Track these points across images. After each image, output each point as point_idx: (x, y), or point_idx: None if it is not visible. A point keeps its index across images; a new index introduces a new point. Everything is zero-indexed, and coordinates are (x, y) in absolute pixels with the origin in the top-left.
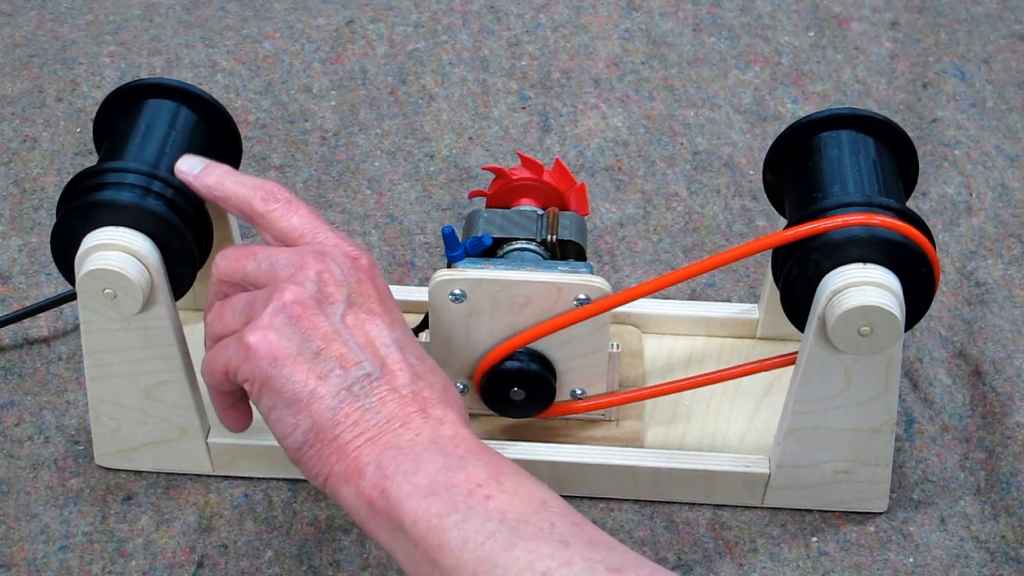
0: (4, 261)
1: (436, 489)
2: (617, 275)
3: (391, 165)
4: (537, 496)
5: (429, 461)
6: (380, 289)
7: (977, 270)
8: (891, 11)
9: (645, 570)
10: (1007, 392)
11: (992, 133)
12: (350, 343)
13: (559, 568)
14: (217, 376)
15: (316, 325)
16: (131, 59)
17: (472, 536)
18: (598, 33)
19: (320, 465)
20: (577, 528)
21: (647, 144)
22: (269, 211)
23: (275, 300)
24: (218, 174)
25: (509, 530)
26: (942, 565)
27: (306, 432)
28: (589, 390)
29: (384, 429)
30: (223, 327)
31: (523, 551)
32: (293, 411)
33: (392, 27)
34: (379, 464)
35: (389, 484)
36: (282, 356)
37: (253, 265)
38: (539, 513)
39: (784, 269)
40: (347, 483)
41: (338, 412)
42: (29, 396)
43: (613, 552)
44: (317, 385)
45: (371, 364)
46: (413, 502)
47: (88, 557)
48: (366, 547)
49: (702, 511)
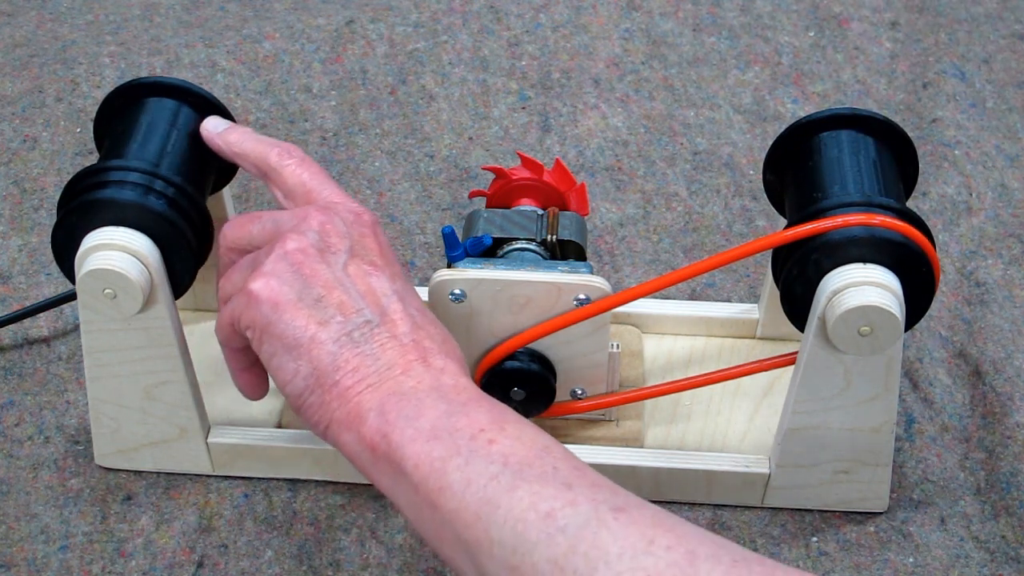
0: (4, 261)
1: (438, 433)
2: (617, 275)
3: (391, 165)
4: (540, 442)
5: (431, 407)
6: (382, 244)
7: (977, 270)
8: (891, 11)
9: (648, 510)
10: (1007, 392)
11: (992, 133)
12: (351, 291)
13: (563, 508)
14: (226, 330)
15: (317, 272)
16: (131, 59)
17: (475, 478)
18: (598, 33)
19: (321, 412)
20: (580, 472)
21: (647, 144)
22: (283, 165)
23: (277, 249)
24: (240, 132)
25: (512, 473)
26: (942, 565)
27: (306, 377)
28: (589, 390)
29: (385, 376)
30: (232, 287)
31: (526, 492)
32: (293, 356)
33: (392, 27)
34: (381, 409)
35: (391, 429)
36: (283, 301)
37: (258, 227)
38: (542, 457)
39: (784, 269)
40: (348, 429)
41: (338, 357)
42: (29, 396)
43: (616, 494)
44: (317, 331)
45: (371, 312)
46: (415, 446)
47: (88, 557)
48: (366, 547)
49: (702, 511)
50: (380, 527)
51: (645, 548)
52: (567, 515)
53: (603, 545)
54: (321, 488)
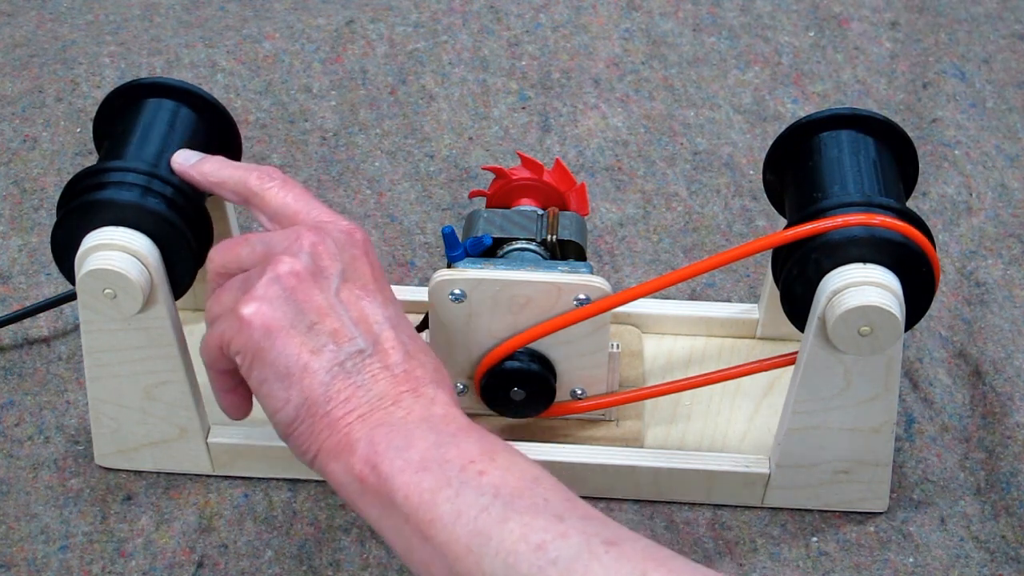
0: (4, 261)
1: (428, 464)
2: (617, 275)
3: (391, 165)
4: (530, 473)
5: (421, 438)
6: (374, 266)
7: (977, 270)
8: (891, 11)
9: (640, 544)
10: (1007, 392)
11: (992, 133)
12: (344, 318)
13: (554, 540)
14: (213, 352)
15: (311, 298)
16: (131, 59)
17: (465, 510)
18: (598, 33)
19: (310, 441)
20: (571, 504)
21: (647, 144)
22: (265, 188)
23: (269, 272)
24: (214, 161)
25: (503, 504)
26: (942, 565)
27: (298, 407)
28: (589, 390)
29: (376, 406)
30: (221, 308)
31: (517, 524)
32: (284, 385)
33: (392, 27)
34: (370, 440)
35: (380, 460)
36: (275, 328)
37: (247, 250)
38: (532, 489)
39: (784, 269)
40: (337, 459)
41: (331, 388)
42: (29, 396)
43: (607, 526)
44: (310, 359)
45: (364, 340)
46: (405, 477)
47: (88, 557)
48: (366, 547)
49: (702, 511)
50: None
51: None
52: (558, 547)
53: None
54: (321, 488)
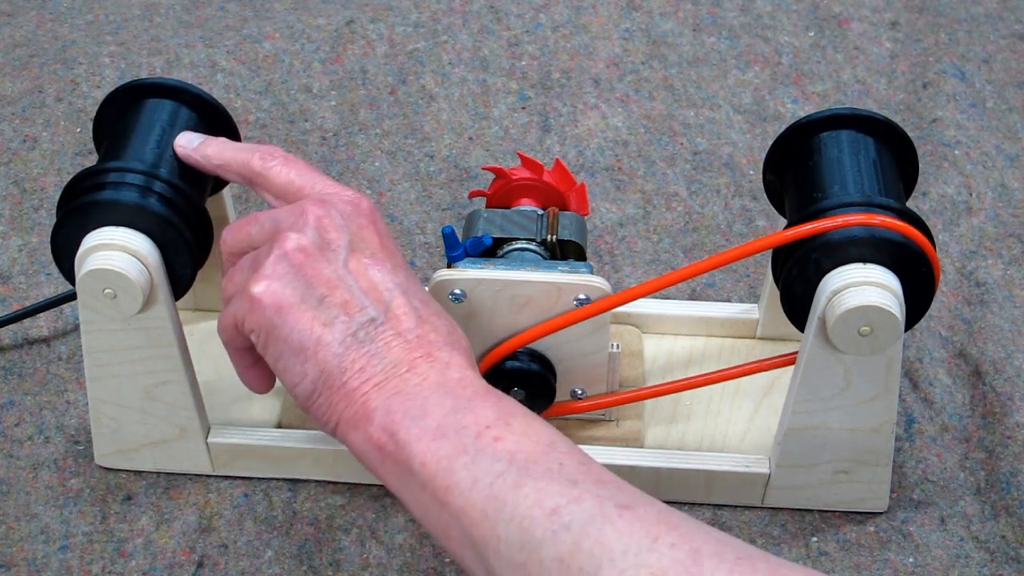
0: (4, 261)
1: (444, 431)
2: (617, 275)
3: (391, 165)
4: (546, 437)
5: (437, 404)
6: (382, 233)
7: (977, 270)
8: (891, 11)
9: (654, 508)
10: (1007, 392)
11: (992, 133)
12: (353, 289)
13: (568, 505)
14: (229, 331)
15: (319, 272)
16: (131, 59)
17: (481, 476)
18: (598, 33)
19: (329, 412)
20: (585, 468)
21: (647, 144)
22: (267, 168)
23: (276, 249)
24: (217, 143)
25: (518, 470)
26: (942, 565)
27: (315, 380)
28: (589, 390)
29: (391, 374)
30: (234, 287)
31: (532, 489)
32: (300, 360)
33: (392, 27)
34: (387, 408)
35: (398, 428)
36: (286, 305)
37: (256, 228)
38: (548, 454)
39: (784, 269)
40: (356, 428)
41: (344, 359)
42: (29, 396)
43: (622, 490)
44: (322, 333)
45: (375, 309)
46: (422, 445)
47: (88, 557)
48: (366, 547)
49: (702, 511)
50: (380, 527)
51: (649, 545)
52: (572, 512)
53: (607, 542)
54: (321, 488)
